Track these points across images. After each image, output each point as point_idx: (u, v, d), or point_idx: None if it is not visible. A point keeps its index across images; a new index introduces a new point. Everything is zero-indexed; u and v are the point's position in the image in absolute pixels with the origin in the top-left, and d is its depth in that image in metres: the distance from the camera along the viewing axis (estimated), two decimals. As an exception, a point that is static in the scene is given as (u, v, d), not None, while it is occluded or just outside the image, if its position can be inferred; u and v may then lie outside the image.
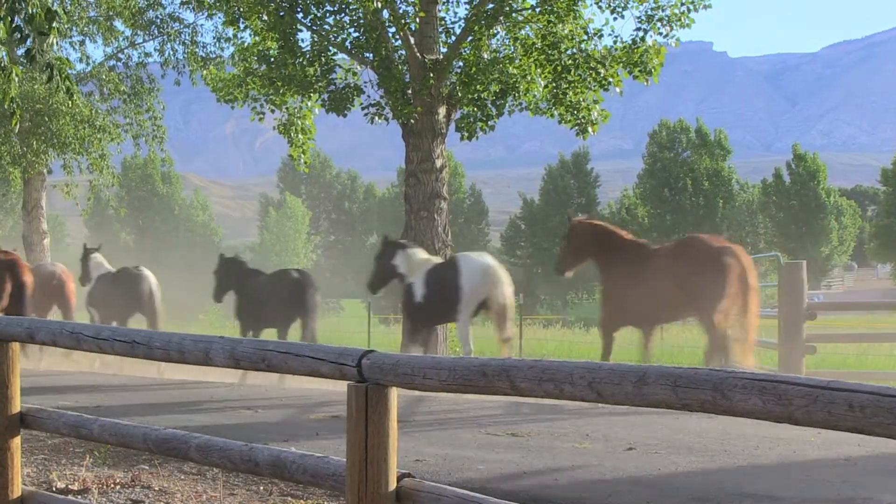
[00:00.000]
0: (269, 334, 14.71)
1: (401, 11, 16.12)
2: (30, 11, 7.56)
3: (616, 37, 16.65)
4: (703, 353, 11.57)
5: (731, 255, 10.96)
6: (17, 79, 8.42)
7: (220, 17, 19.41)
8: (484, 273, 12.66)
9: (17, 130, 20.77)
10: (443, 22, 16.83)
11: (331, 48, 16.76)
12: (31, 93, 21.70)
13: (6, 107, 8.69)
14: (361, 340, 25.57)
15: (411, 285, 13.08)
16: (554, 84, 16.25)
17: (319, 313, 15.16)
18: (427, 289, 12.90)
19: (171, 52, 24.51)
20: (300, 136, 17.92)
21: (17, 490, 5.20)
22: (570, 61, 16.16)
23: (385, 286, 14.26)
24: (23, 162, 23.25)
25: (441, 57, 16.12)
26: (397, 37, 16.24)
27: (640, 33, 16.26)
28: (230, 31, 20.14)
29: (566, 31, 16.11)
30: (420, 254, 13.56)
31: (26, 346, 13.16)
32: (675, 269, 10.96)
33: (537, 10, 15.99)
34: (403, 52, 16.24)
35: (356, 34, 16.52)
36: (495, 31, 16.45)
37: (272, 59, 16.61)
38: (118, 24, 24.56)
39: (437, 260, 13.63)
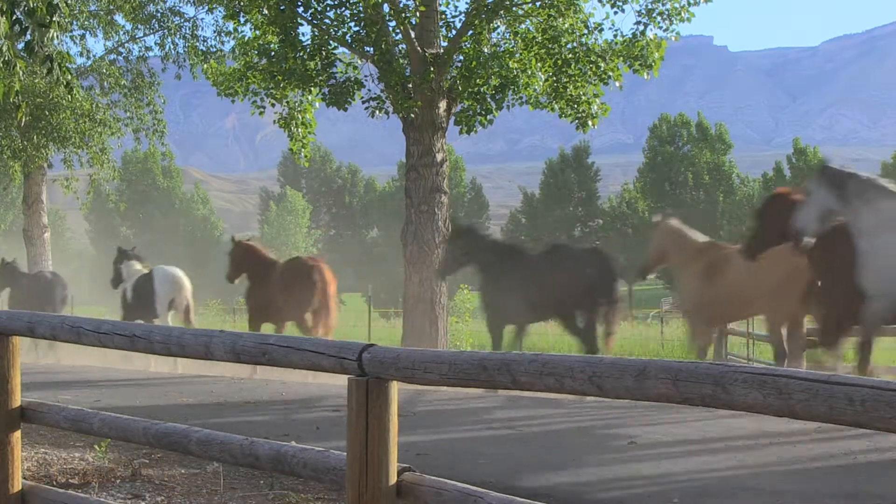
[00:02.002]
0: None
1: (401, 5, 16.10)
2: (30, 4, 7.54)
3: (616, 31, 16.68)
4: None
5: (318, 272, 14.77)
6: (21, 72, 8.39)
7: (220, 11, 19.35)
8: (171, 281, 17.20)
9: (22, 124, 20.85)
10: (443, 16, 16.80)
11: (331, 42, 16.74)
12: (32, 87, 21.67)
13: (11, 101, 8.65)
14: (362, 334, 25.57)
15: (125, 290, 17.66)
16: (554, 78, 16.25)
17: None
18: (134, 292, 17.39)
19: (172, 47, 24.48)
20: (300, 129, 17.90)
21: (17, 484, 5.18)
22: (570, 55, 16.16)
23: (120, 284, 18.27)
24: (23, 156, 23.24)
25: (441, 51, 16.10)
26: (398, 31, 16.22)
27: (641, 27, 16.29)
28: (231, 25, 20.06)
29: (566, 25, 16.11)
30: (136, 265, 17.98)
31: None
32: (283, 282, 14.88)
33: (538, 4, 15.97)
34: (404, 45, 16.23)
35: (356, 28, 16.49)
36: (496, 25, 16.43)
37: (273, 53, 16.59)
38: (119, 19, 24.53)
39: (146, 270, 17.72)
